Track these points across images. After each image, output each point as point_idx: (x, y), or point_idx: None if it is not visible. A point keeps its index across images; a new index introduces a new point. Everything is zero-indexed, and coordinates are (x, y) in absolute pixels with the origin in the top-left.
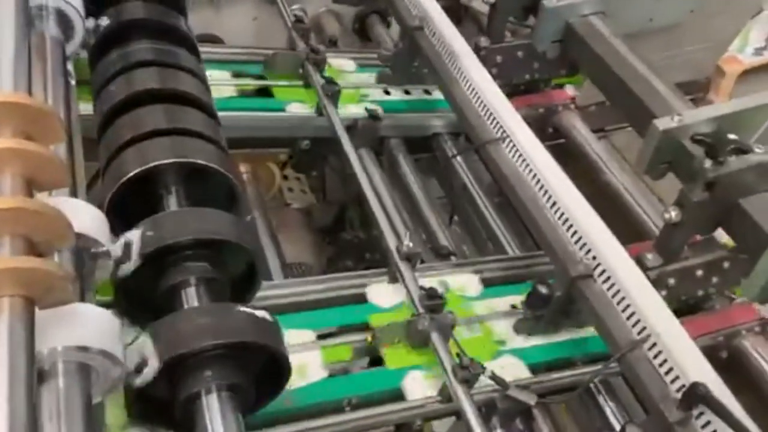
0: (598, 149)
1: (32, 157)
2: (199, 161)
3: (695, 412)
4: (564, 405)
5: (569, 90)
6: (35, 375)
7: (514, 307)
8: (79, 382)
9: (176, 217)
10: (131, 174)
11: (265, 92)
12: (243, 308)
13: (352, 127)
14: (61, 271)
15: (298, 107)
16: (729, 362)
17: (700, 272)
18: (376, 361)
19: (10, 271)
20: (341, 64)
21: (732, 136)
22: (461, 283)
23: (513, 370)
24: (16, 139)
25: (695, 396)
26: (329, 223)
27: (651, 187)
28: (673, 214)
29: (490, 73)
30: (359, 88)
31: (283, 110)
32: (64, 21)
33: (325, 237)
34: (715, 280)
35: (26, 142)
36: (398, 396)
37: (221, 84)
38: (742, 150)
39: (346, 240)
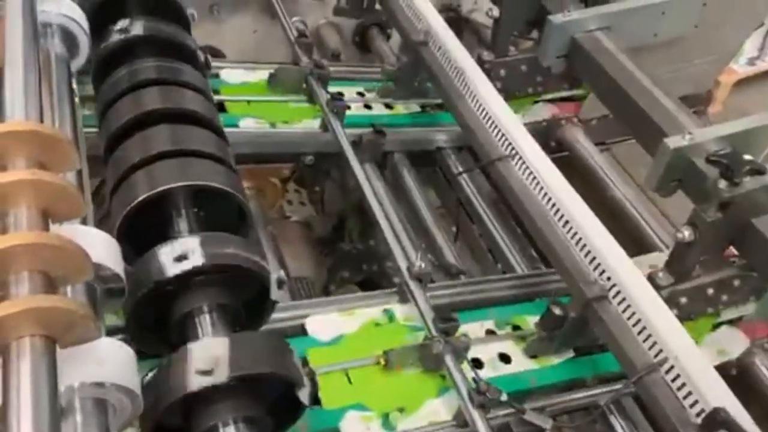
0: (601, 162)
1: (48, 189)
2: (210, 183)
3: None
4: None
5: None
6: (60, 415)
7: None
8: (97, 417)
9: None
10: (141, 198)
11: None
12: (260, 337)
13: (357, 142)
14: (82, 309)
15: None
16: (739, 379)
17: (710, 291)
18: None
19: (33, 311)
20: None
21: (747, 157)
22: (407, 313)
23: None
24: (32, 169)
25: (716, 422)
26: (328, 234)
27: (653, 200)
28: (686, 233)
29: (494, 86)
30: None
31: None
32: (68, 38)
33: (323, 249)
34: (724, 298)
35: (41, 172)
36: None
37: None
38: (757, 171)
39: (344, 251)
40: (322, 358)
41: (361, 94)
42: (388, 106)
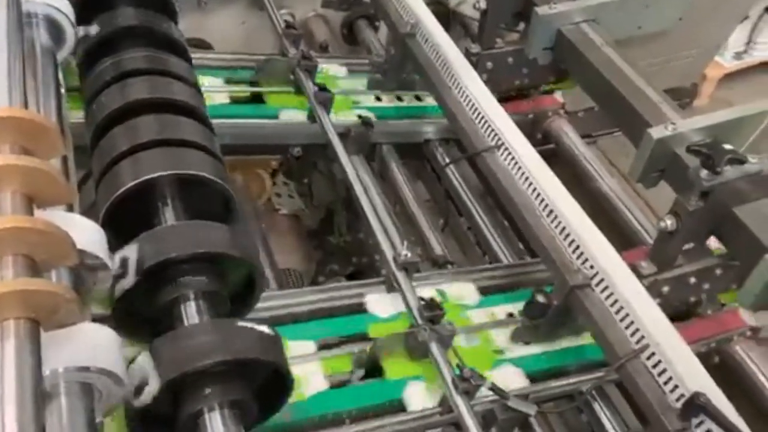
0: (587, 154)
1: (33, 174)
2: (195, 172)
3: (695, 422)
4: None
5: (558, 96)
6: (42, 398)
7: (511, 315)
8: (82, 401)
9: (174, 231)
10: (126, 187)
11: (258, 99)
12: (245, 324)
13: (344, 134)
14: (67, 293)
15: (292, 114)
16: (721, 367)
17: (692, 279)
18: (374, 371)
19: (17, 293)
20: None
21: (728, 147)
22: (458, 292)
23: (513, 379)
24: (16, 155)
25: (695, 406)
26: (317, 227)
27: (639, 192)
28: (668, 222)
29: (481, 79)
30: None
31: (276, 117)
32: (54, 28)
33: (312, 241)
34: (706, 286)
35: (26, 158)
36: (399, 408)
37: (214, 91)
38: (737, 160)
39: (333, 244)
40: (383, 332)
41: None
42: (376, 98)
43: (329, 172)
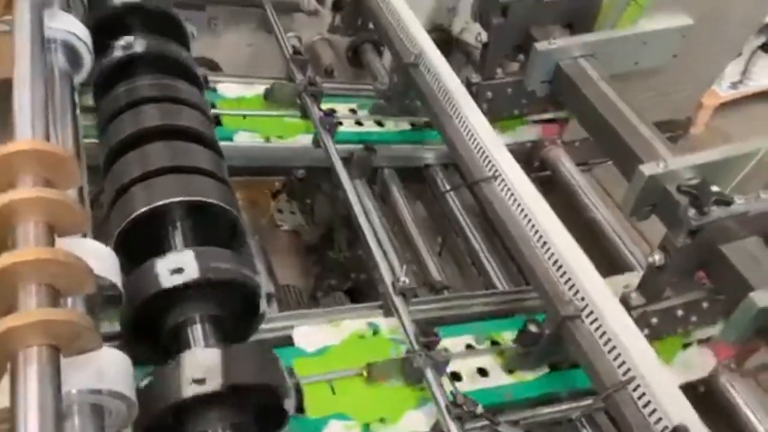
0: (582, 183)
1: (54, 205)
2: (205, 199)
3: None
4: None
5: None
6: (63, 423)
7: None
8: (93, 422)
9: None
10: (139, 212)
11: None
12: (249, 348)
13: (348, 158)
14: (86, 321)
15: (246, 137)
16: (705, 396)
17: (680, 312)
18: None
19: (41, 323)
20: None
21: (715, 188)
22: (390, 325)
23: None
24: (39, 187)
25: None
26: (316, 242)
27: (632, 221)
28: (657, 257)
29: (481, 108)
30: None
31: (231, 139)
32: (72, 54)
33: (311, 256)
34: (694, 319)
35: (48, 190)
36: None
37: None
38: (724, 201)
39: (332, 259)
40: (308, 368)
41: (353, 110)
42: (379, 123)
43: (332, 193)
